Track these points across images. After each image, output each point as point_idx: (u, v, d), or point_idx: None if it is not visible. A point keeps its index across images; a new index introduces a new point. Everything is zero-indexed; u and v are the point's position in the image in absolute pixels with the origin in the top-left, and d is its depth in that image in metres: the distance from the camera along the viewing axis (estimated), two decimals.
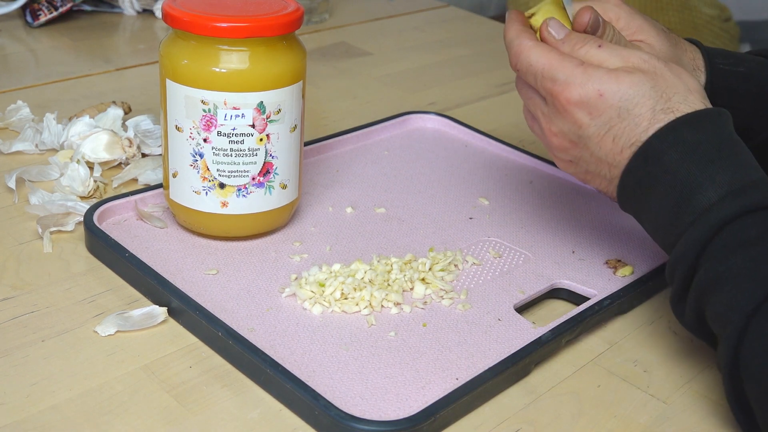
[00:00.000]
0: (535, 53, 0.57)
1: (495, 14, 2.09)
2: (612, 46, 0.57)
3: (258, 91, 0.61)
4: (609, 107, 0.55)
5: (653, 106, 0.54)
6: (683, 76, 0.56)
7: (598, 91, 0.55)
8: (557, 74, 0.56)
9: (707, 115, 0.54)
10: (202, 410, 0.51)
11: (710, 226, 0.51)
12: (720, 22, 2.10)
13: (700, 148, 0.53)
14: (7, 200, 0.71)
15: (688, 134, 0.53)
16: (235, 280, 0.62)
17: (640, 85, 0.55)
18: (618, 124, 0.55)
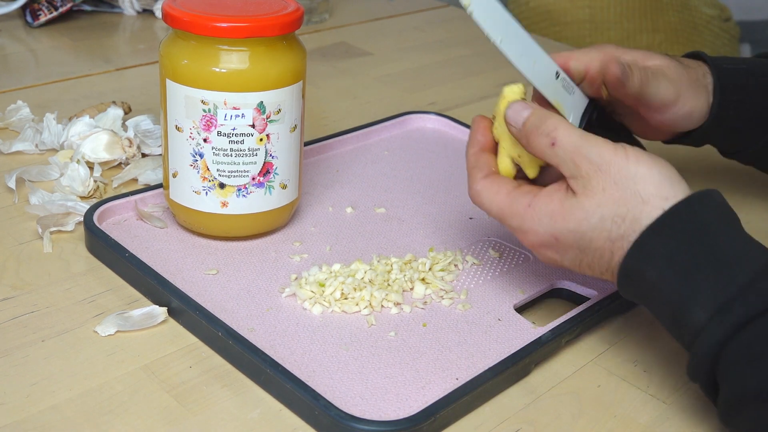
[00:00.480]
0: (487, 199, 0.57)
1: None
2: (566, 145, 0.53)
3: (258, 91, 0.61)
4: (568, 247, 0.54)
5: (608, 236, 0.52)
6: (638, 180, 0.51)
7: (552, 236, 0.54)
8: (510, 221, 0.56)
9: (676, 214, 0.50)
10: (202, 410, 0.51)
11: (709, 348, 0.48)
12: (720, 22, 2.10)
13: (676, 257, 0.50)
14: (7, 200, 0.71)
15: (659, 246, 0.50)
16: (235, 280, 0.62)
17: (588, 219, 0.52)
18: (585, 257, 0.54)
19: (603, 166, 0.52)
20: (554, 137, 0.53)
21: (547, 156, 0.54)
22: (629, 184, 0.51)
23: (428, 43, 1.21)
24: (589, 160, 0.52)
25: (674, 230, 0.50)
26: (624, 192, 0.51)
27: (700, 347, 0.48)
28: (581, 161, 0.52)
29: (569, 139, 0.53)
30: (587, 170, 0.52)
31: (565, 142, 0.53)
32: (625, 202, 0.51)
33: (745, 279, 0.48)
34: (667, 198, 0.51)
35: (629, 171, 0.52)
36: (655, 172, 0.52)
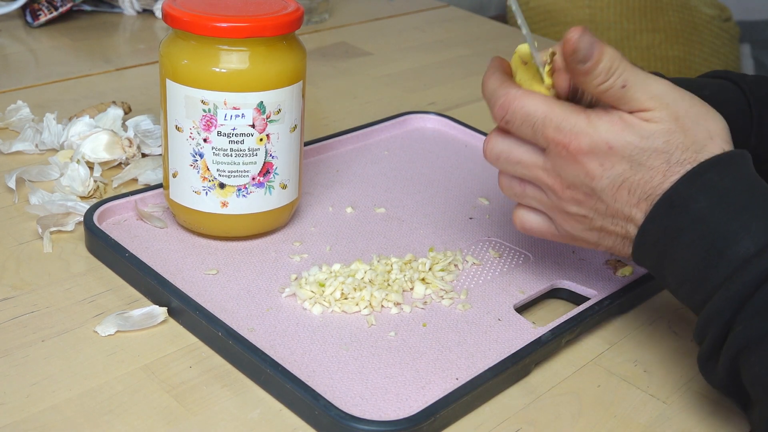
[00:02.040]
0: (531, 101, 0.53)
1: (495, 14, 2.09)
2: (637, 86, 0.52)
3: (258, 91, 0.61)
4: (620, 159, 0.52)
5: (668, 159, 0.51)
6: (705, 119, 0.52)
7: (606, 143, 0.51)
8: (562, 123, 0.52)
9: (733, 158, 0.51)
10: (202, 410, 0.51)
11: (750, 280, 0.47)
12: (720, 22, 2.10)
13: (731, 194, 0.49)
14: (7, 200, 0.71)
15: (716, 179, 0.50)
16: (235, 280, 0.62)
17: (654, 138, 0.51)
18: (632, 176, 0.52)
19: (677, 102, 0.52)
20: (625, 79, 0.51)
21: (616, 96, 0.52)
22: (700, 119, 0.52)
23: (428, 43, 1.21)
24: (660, 97, 0.51)
25: (732, 170, 0.50)
26: (694, 125, 0.51)
27: (743, 275, 0.47)
28: (652, 98, 0.51)
29: (639, 82, 0.51)
30: (657, 105, 0.51)
31: (635, 83, 0.51)
32: (694, 134, 0.51)
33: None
34: (727, 141, 0.52)
35: (700, 109, 0.52)
36: (719, 118, 0.53)
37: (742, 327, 0.47)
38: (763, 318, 0.46)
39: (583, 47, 0.51)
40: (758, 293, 0.46)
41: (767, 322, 0.46)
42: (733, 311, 0.47)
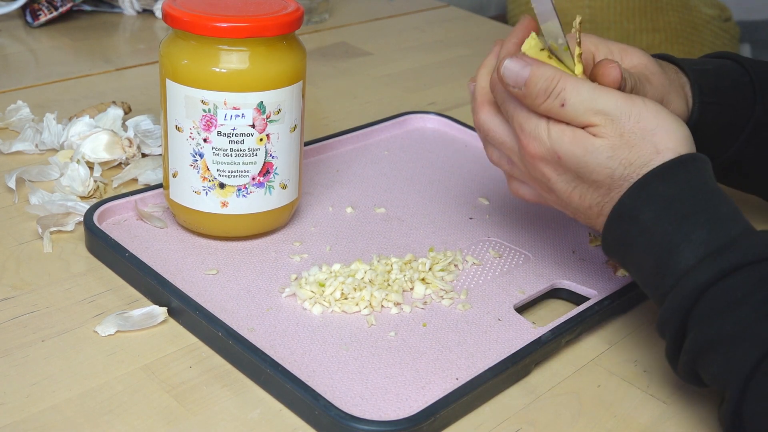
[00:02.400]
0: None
1: (495, 14, 2.09)
2: (576, 105, 0.53)
3: (258, 91, 0.61)
4: (567, 169, 0.54)
5: (611, 174, 0.52)
6: (654, 133, 0.52)
7: (556, 153, 0.53)
8: (524, 123, 0.55)
9: (682, 164, 0.51)
10: (202, 410, 0.51)
11: (691, 290, 0.48)
12: (720, 21, 2.10)
13: (675, 203, 0.50)
14: (7, 200, 0.71)
15: (661, 188, 0.51)
16: (235, 280, 0.62)
17: (597, 153, 0.52)
18: (580, 185, 0.54)
19: (621, 116, 0.52)
20: (563, 98, 0.53)
21: (556, 116, 0.53)
22: (647, 135, 0.52)
23: (428, 43, 1.21)
24: (605, 113, 0.52)
25: (677, 179, 0.51)
26: (641, 141, 0.52)
27: (683, 288, 0.48)
28: (596, 114, 0.52)
29: (579, 97, 0.52)
30: (602, 120, 0.52)
31: (575, 100, 0.52)
32: (639, 150, 0.52)
33: (738, 232, 0.49)
34: (679, 153, 0.52)
35: (649, 123, 0.52)
36: (674, 127, 0.52)
37: (693, 334, 0.49)
38: (708, 325, 0.48)
39: (509, 74, 0.54)
40: (701, 302, 0.48)
41: (712, 328, 0.48)
42: (680, 320, 0.49)
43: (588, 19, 1.96)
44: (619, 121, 0.52)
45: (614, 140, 0.52)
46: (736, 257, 0.48)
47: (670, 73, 0.64)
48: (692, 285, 0.48)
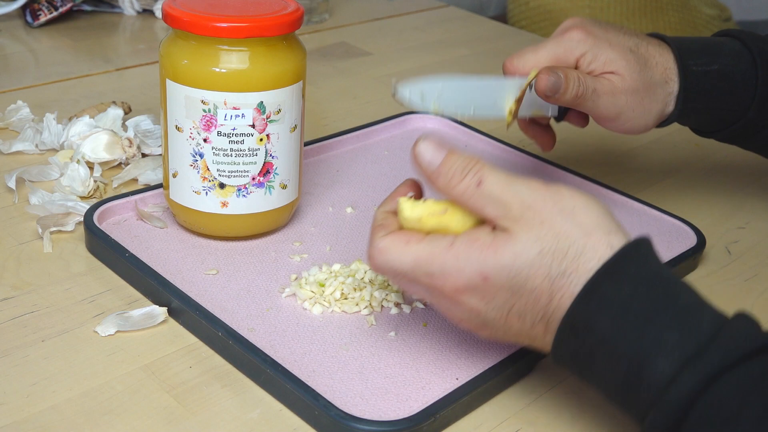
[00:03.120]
0: (395, 252, 0.48)
1: (495, 14, 2.09)
2: (493, 184, 0.47)
3: (258, 91, 0.61)
4: (499, 289, 0.46)
5: (548, 273, 0.46)
6: (574, 213, 0.47)
7: (480, 275, 0.46)
8: (431, 267, 0.47)
9: (627, 257, 0.45)
10: (202, 410, 0.51)
11: (677, 405, 0.42)
12: (720, 22, 2.10)
13: (633, 305, 0.44)
14: (7, 200, 0.71)
15: (612, 291, 0.44)
16: (235, 280, 0.62)
17: (525, 253, 0.46)
18: (517, 302, 0.47)
19: (537, 202, 0.47)
20: (480, 177, 0.47)
21: (471, 198, 0.47)
22: (569, 216, 0.46)
23: (428, 43, 1.21)
24: (521, 198, 0.47)
25: (627, 275, 0.45)
26: (564, 224, 0.46)
27: (669, 402, 0.42)
28: (512, 200, 0.47)
29: (496, 178, 0.47)
30: (519, 208, 0.46)
31: (491, 181, 0.47)
32: (567, 235, 0.46)
33: (710, 328, 0.43)
34: (610, 232, 0.46)
35: (566, 204, 0.47)
36: (593, 206, 0.47)
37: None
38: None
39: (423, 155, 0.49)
40: (691, 417, 0.42)
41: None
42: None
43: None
44: (536, 208, 0.46)
45: (537, 230, 0.46)
46: (718, 359, 0.42)
47: (654, 72, 0.65)
48: (677, 399, 0.42)
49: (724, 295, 0.67)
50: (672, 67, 0.66)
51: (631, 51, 0.65)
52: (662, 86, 0.66)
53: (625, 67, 0.64)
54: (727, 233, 0.75)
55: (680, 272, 0.68)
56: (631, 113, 0.65)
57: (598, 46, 0.64)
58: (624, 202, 0.76)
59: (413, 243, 0.48)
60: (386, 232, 0.50)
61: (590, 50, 0.64)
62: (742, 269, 0.70)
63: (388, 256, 0.49)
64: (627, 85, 0.64)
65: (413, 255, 0.48)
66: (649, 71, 0.65)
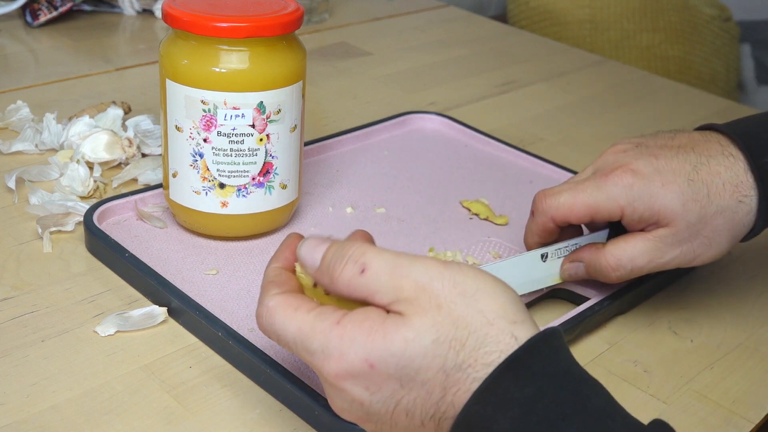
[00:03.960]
0: (281, 316, 0.44)
1: (495, 14, 2.09)
2: (379, 270, 0.42)
3: (258, 91, 0.61)
4: (386, 379, 0.41)
5: (443, 366, 0.40)
6: (476, 297, 0.41)
7: (365, 361, 0.41)
8: (310, 343, 0.42)
9: (532, 353, 0.40)
10: (202, 410, 0.51)
11: None
12: (720, 21, 2.10)
13: (537, 406, 0.39)
14: (7, 200, 0.71)
15: (514, 388, 0.39)
16: (235, 280, 0.62)
17: (418, 341, 0.40)
18: (405, 396, 0.41)
19: (433, 282, 0.41)
20: (363, 262, 0.42)
21: (358, 288, 0.42)
22: (470, 301, 0.41)
23: (428, 43, 1.21)
24: (414, 279, 0.41)
25: (532, 372, 0.40)
26: (464, 310, 0.41)
27: None
28: (403, 282, 0.41)
29: (382, 261, 0.42)
30: (413, 290, 0.41)
31: (377, 265, 0.42)
32: (466, 323, 0.41)
33: (616, 426, 0.40)
34: (515, 322, 0.41)
35: (467, 286, 0.41)
36: (498, 290, 0.42)
37: None
38: None
39: (305, 256, 0.45)
40: None
41: None
42: None
43: (588, 19, 1.96)
44: (432, 289, 0.41)
45: (433, 315, 0.41)
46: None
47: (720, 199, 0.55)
48: None
49: (724, 295, 0.67)
50: (745, 181, 0.55)
51: (689, 182, 0.55)
52: (734, 210, 0.56)
53: (680, 215, 0.55)
54: None
55: (680, 272, 0.68)
56: (692, 257, 0.57)
57: (649, 192, 0.55)
58: None
59: (302, 311, 0.43)
60: (279, 290, 0.45)
61: (639, 199, 0.55)
62: (742, 269, 0.70)
63: (273, 318, 0.44)
64: (681, 235, 0.56)
65: (297, 325, 0.43)
66: (712, 203, 0.55)
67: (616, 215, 0.57)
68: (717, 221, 0.56)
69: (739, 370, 0.59)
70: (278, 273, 0.47)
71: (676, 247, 0.56)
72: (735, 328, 0.63)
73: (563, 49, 1.24)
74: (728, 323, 0.64)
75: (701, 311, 0.65)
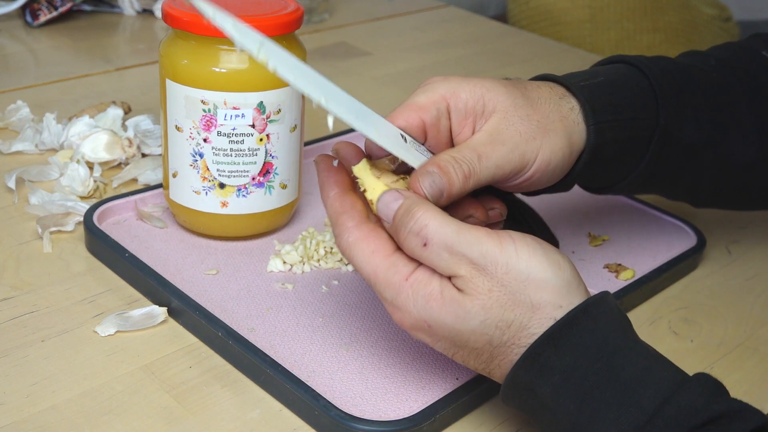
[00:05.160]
0: (359, 254, 0.47)
1: (495, 14, 2.09)
2: (438, 248, 0.45)
3: (258, 91, 0.61)
4: (442, 338, 0.46)
5: (489, 341, 0.45)
6: (528, 285, 0.45)
7: (425, 321, 0.46)
8: (383, 291, 0.47)
9: (571, 326, 0.44)
10: (202, 410, 0.51)
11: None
12: (720, 21, 2.10)
13: (574, 375, 0.43)
14: (7, 200, 0.71)
15: (554, 358, 0.44)
16: (235, 280, 0.62)
17: (468, 320, 0.45)
18: (458, 351, 0.47)
19: (488, 266, 0.45)
20: (425, 236, 0.45)
21: (419, 258, 0.46)
22: (520, 287, 0.45)
23: (428, 43, 1.21)
24: (470, 260, 0.45)
25: (570, 344, 0.44)
26: (513, 296, 0.45)
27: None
28: (460, 262, 0.45)
29: (442, 238, 0.45)
30: (468, 271, 0.45)
31: (437, 241, 0.45)
32: (513, 307, 0.45)
33: (651, 405, 0.42)
34: (561, 306, 0.45)
35: (520, 273, 0.45)
36: (551, 275, 0.45)
37: None
38: None
39: (382, 207, 0.47)
40: None
41: None
42: None
43: (588, 19, 1.96)
44: (486, 273, 0.45)
45: (484, 299, 0.45)
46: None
47: (543, 107, 0.53)
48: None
49: (724, 295, 0.67)
50: (558, 87, 0.55)
51: (503, 83, 0.53)
52: (557, 102, 0.54)
53: (504, 94, 0.52)
54: (727, 233, 0.75)
55: (680, 272, 0.68)
56: (537, 149, 0.51)
57: (466, 81, 0.52)
58: (624, 203, 0.76)
59: (378, 256, 0.47)
60: (353, 223, 0.48)
61: (458, 86, 0.52)
62: (742, 269, 0.70)
63: (352, 254, 0.48)
64: (513, 118, 0.51)
65: (372, 270, 0.47)
66: (532, 93, 0.53)
67: (443, 107, 0.51)
68: (544, 107, 0.52)
69: (739, 370, 0.59)
70: (342, 201, 0.49)
71: (512, 133, 0.51)
72: (735, 328, 0.63)
73: (563, 49, 1.24)
74: (728, 323, 0.64)
75: (701, 311, 0.65)
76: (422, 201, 0.47)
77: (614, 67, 0.59)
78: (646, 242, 0.70)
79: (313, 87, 0.47)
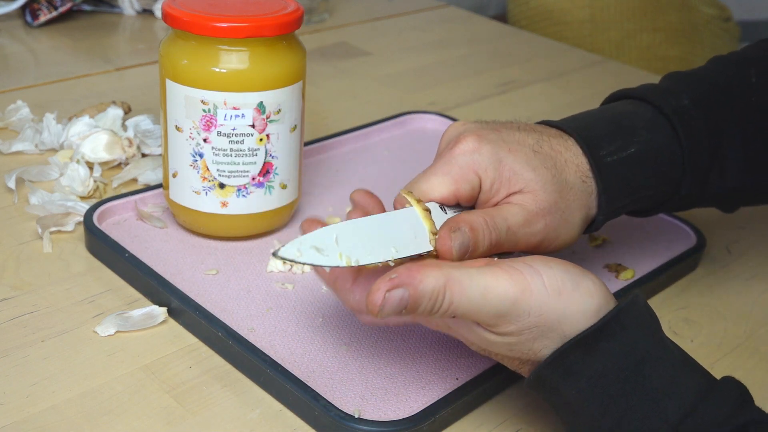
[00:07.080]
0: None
1: (495, 14, 2.09)
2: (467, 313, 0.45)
3: (258, 91, 0.61)
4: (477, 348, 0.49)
5: (518, 357, 0.47)
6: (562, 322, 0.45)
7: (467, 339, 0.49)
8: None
9: (602, 332, 0.44)
10: (202, 410, 0.51)
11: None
12: (720, 21, 2.10)
13: (600, 381, 0.44)
14: (7, 200, 0.71)
15: (581, 363, 0.44)
16: (235, 280, 0.62)
17: (496, 346, 0.47)
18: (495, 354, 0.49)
19: (521, 315, 0.45)
20: (453, 311, 0.45)
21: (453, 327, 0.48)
22: (553, 327, 0.45)
23: (428, 43, 1.21)
24: (500, 314, 0.45)
25: (600, 350, 0.44)
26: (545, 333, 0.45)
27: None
28: (488, 319, 0.45)
29: (469, 304, 0.45)
30: (497, 322, 0.45)
31: (464, 308, 0.45)
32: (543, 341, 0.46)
33: (676, 416, 0.42)
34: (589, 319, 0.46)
35: (553, 314, 0.45)
36: (585, 307, 0.45)
37: None
38: None
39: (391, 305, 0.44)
40: None
41: None
42: None
43: (588, 19, 1.96)
44: (517, 320, 0.45)
45: (511, 340, 0.46)
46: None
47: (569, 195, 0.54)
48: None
49: (724, 295, 0.67)
50: (584, 163, 0.55)
51: (535, 152, 0.53)
52: (580, 188, 0.55)
53: (534, 180, 0.52)
54: (727, 233, 0.75)
55: (680, 272, 0.68)
56: (554, 234, 0.53)
57: (498, 156, 0.52)
58: None
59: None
60: None
61: (490, 164, 0.52)
62: (742, 269, 0.70)
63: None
64: (542, 204, 0.52)
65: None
66: (561, 174, 0.54)
67: (476, 183, 0.52)
68: (569, 195, 0.54)
69: (739, 370, 0.59)
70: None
71: (540, 218, 0.52)
72: (735, 328, 0.63)
73: (563, 49, 1.24)
74: (728, 323, 0.64)
75: (701, 311, 0.65)
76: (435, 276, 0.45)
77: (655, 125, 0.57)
78: (646, 242, 0.70)
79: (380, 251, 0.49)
